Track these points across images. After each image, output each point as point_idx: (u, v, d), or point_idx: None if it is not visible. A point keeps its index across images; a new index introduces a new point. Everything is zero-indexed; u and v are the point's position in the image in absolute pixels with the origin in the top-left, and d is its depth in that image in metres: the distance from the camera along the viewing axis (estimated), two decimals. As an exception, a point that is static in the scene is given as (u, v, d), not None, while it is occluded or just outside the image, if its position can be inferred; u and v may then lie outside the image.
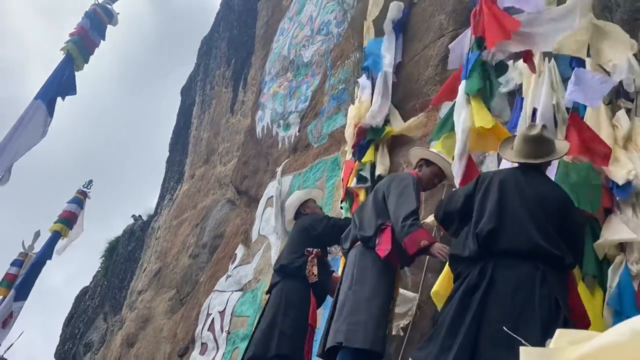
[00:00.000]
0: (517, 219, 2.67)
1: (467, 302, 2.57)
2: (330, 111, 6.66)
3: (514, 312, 2.46)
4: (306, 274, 3.97)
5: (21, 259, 9.15)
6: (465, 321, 2.51)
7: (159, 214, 11.85)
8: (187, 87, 13.22)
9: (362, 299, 3.25)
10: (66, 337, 12.33)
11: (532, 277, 2.52)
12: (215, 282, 7.56)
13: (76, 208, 9.53)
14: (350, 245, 3.58)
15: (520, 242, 2.61)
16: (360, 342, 3.13)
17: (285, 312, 3.93)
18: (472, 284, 2.61)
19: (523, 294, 2.49)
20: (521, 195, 2.74)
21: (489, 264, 2.62)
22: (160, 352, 8.38)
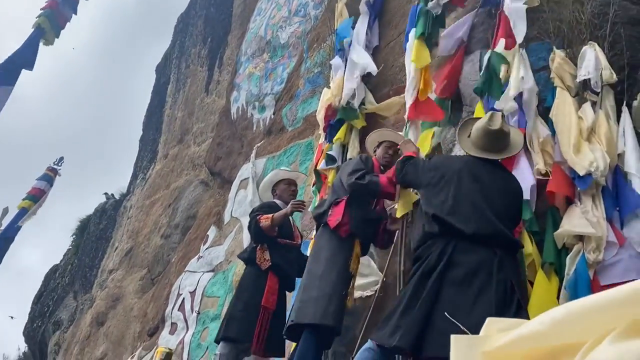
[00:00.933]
0: (476, 205, 2.75)
1: (425, 282, 2.65)
2: (306, 94, 6.65)
3: (471, 294, 2.54)
4: (257, 262, 4.02)
5: (-12, 235, 8.99)
6: (420, 299, 2.58)
7: (131, 192, 11.74)
8: (162, 64, 13.03)
9: (315, 276, 3.36)
10: (35, 315, 12.21)
11: (491, 262, 2.60)
12: (187, 263, 7.56)
13: (45, 185, 9.38)
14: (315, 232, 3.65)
15: (479, 227, 2.69)
16: (309, 317, 3.20)
17: (237, 296, 4.06)
18: (431, 266, 2.69)
19: (482, 278, 2.57)
20: (481, 184, 2.83)
21: (448, 246, 2.70)
22: (130, 331, 8.37)
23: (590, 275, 3.12)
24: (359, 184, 3.52)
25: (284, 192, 4.45)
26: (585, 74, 3.86)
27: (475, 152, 3.01)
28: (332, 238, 3.48)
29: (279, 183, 4.54)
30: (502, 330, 0.86)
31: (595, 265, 3.17)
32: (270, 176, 4.73)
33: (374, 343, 2.73)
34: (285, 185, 4.52)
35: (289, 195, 4.44)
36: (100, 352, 8.73)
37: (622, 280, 3.08)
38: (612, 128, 3.66)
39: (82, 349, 9.37)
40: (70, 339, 10.15)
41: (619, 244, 3.21)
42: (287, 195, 4.44)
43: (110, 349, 8.59)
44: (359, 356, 2.77)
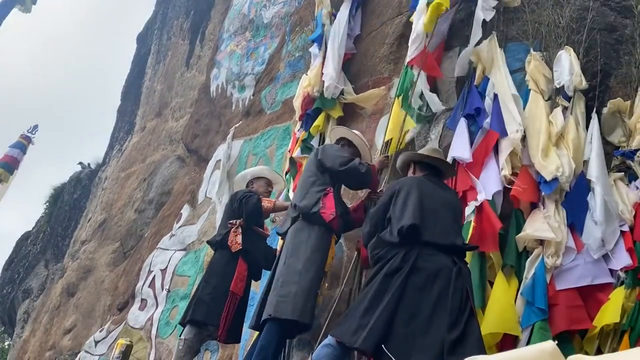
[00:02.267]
0: (437, 217, 2.88)
1: (388, 284, 2.73)
2: (286, 78, 6.61)
3: (431, 299, 2.64)
4: (229, 244, 4.06)
5: (-42, 201, 8.84)
6: (383, 301, 2.66)
7: (107, 163, 11.60)
8: (143, 34, 12.75)
9: (295, 271, 3.38)
10: (5, 282, 12.11)
11: (450, 270, 2.71)
12: (159, 239, 7.55)
13: (18, 153, 9.22)
14: (289, 227, 3.65)
15: (440, 238, 2.80)
16: (288, 313, 3.26)
17: (206, 280, 4.11)
18: (395, 267, 2.78)
19: (441, 284, 2.67)
20: (437, 199, 2.96)
21: (413, 251, 2.79)
22: (100, 304, 8.37)
23: (547, 280, 3.23)
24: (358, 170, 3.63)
25: (261, 188, 4.51)
26: (559, 77, 3.93)
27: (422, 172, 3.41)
28: (312, 234, 3.50)
29: (259, 179, 4.58)
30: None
31: (553, 270, 3.27)
32: (256, 169, 4.82)
33: (334, 339, 2.79)
34: (264, 183, 4.59)
35: (264, 193, 4.51)
36: (69, 323, 8.73)
37: (577, 286, 3.20)
38: (581, 134, 3.74)
39: (52, 319, 9.36)
40: (40, 307, 10.12)
41: (577, 250, 3.31)
42: (263, 192, 4.50)
43: (79, 320, 8.59)
44: (318, 352, 2.83)
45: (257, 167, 5.01)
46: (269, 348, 3.22)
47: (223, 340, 4.09)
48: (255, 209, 4.15)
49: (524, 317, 3.13)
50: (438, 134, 4.27)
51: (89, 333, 8.05)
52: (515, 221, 3.53)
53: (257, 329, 3.55)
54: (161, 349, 6.17)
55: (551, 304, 3.14)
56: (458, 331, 2.49)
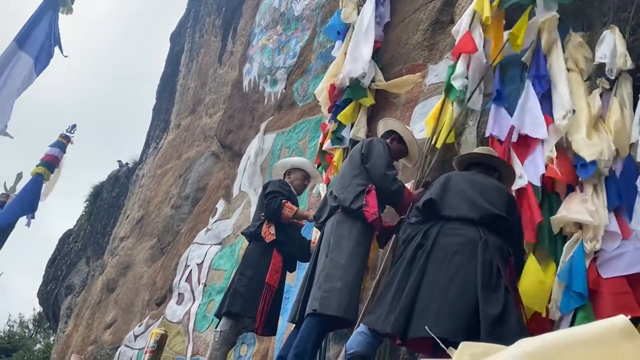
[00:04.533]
0: (462, 193, 2.79)
1: (412, 264, 2.65)
2: (317, 70, 6.55)
3: (450, 270, 2.52)
4: (262, 235, 4.03)
5: (2, 200, 9.11)
6: (409, 282, 2.58)
7: (143, 161, 11.79)
8: (176, 33, 12.90)
9: (338, 266, 3.25)
10: (49, 278, 12.47)
11: (475, 242, 2.59)
12: (196, 234, 7.62)
13: (59, 152, 9.44)
14: (327, 217, 3.54)
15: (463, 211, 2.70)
16: (334, 309, 3.14)
17: (242, 272, 4.06)
18: (417, 244, 2.70)
19: (462, 257, 2.55)
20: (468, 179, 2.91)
21: (434, 227, 2.71)
22: (139, 299, 8.51)
23: (586, 264, 3.09)
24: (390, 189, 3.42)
25: (297, 180, 4.44)
26: (602, 57, 3.74)
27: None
28: (354, 227, 3.36)
29: (298, 170, 4.51)
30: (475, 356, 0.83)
31: (592, 255, 3.14)
32: (297, 160, 4.75)
33: (366, 327, 2.74)
34: (302, 176, 4.50)
35: (300, 186, 4.46)
36: (110, 318, 8.91)
37: (626, 273, 3.04)
38: (626, 116, 3.56)
39: (93, 314, 9.57)
40: (82, 303, 10.36)
41: (622, 236, 3.15)
42: (299, 184, 4.44)
43: (119, 315, 8.76)
44: (351, 340, 2.78)
45: (299, 158, 4.92)
46: (308, 341, 3.14)
47: (260, 332, 4.06)
48: (274, 214, 4.08)
49: (562, 303, 3.01)
50: (476, 120, 4.13)
51: (129, 328, 8.20)
52: (548, 204, 3.39)
53: (297, 323, 3.44)
54: (198, 342, 6.22)
55: (593, 290, 3.01)
56: (496, 310, 2.37)
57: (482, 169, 3.15)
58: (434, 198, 2.78)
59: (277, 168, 4.66)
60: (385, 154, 3.59)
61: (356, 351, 2.73)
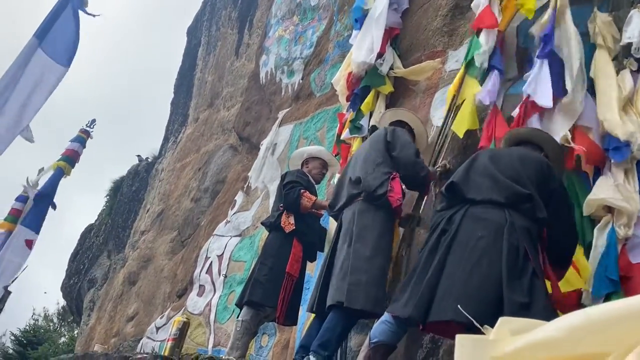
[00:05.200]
0: (486, 172, 2.72)
1: (435, 249, 2.60)
2: (335, 59, 6.49)
3: (473, 257, 2.45)
4: (282, 225, 4.00)
5: (25, 194, 9.22)
6: (431, 268, 2.53)
7: (163, 155, 11.87)
8: (193, 27, 12.92)
9: (363, 257, 3.19)
10: (72, 272, 12.64)
11: (501, 225, 2.50)
12: (215, 227, 7.64)
13: (79, 147, 9.52)
14: (345, 203, 3.48)
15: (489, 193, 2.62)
16: (361, 303, 3.09)
17: (262, 262, 4.05)
18: (441, 230, 2.63)
19: (487, 240, 2.48)
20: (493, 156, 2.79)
21: (459, 212, 2.64)
22: (160, 292, 8.58)
23: (618, 250, 3.00)
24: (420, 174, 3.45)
25: (315, 170, 4.42)
26: (630, 37, 3.63)
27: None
28: (377, 217, 3.32)
29: (315, 159, 4.47)
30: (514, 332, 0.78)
31: (624, 241, 3.05)
32: (314, 149, 4.71)
33: (390, 315, 2.69)
34: (319, 164, 4.47)
35: (318, 175, 4.43)
36: (132, 310, 9.00)
37: (659, 259, 2.95)
38: (656, 98, 3.44)
39: (115, 307, 9.68)
40: (104, 296, 10.49)
41: (656, 222, 3.06)
42: (317, 173, 4.42)
43: (141, 308, 8.83)
44: (375, 329, 2.74)
45: (316, 147, 4.90)
46: (334, 332, 3.10)
47: (281, 322, 4.05)
48: (293, 204, 4.05)
49: (594, 287, 2.92)
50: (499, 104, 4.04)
51: (151, 320, 8.27)
52: (569, 183, 3.29)
53: (317, 312, 3.40)
54: (219, 333, 6.24)
55: (624, 276, 2.92)
56: (521, 296, 2.29)
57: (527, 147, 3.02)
58: (456, 181, 2.71)
59: (294, 158, 4.64)
60: (412, 142, 3.61)
61: (380, 340, 2.69)
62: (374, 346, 2.69)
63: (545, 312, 2.24)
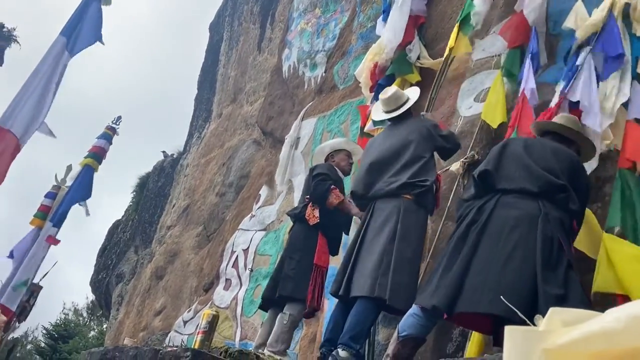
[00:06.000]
0: (521, 162, 2.62)
1: (464, 240, 2.53)
2: (358, 51, 6.43)
3: (507, 245, 2.39)
4: (306, 217, 3.98)
5: (54, 191, 9.36)
6: (459, 258, 2.47)
7: (187, 151, 11.97)
8: (215, 22, 12.97)
9: (406, 259, 3.18)
10: (100, 268, 12.86)
11: (534, 216, 2.44)
12: (240, 221, 7.67)
13: (105, 143, 9.61)
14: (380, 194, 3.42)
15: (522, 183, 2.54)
16: (401, 305, 3.08)
17: (290, 256, 4.03)
18: (470, 220, 2.57)
19: (521, 231, 2.42)
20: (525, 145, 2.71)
21: (490, 201, 2.57)
22: (187, 286, 8.66)
23: None
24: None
25: (343, 162, 4.38)
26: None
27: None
28: (420, 218, 3.32)
29: (340, 151, 4.44)
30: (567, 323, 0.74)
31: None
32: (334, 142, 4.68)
33: (418, 307, 2.65)
34: (345, 155, 4.44)
35: (347, 166, 4.39)
36: (159, 305, 9.11)
37: None
38: None
39: (143, 301, 9.81)
40: (132, 291, 10.64)
41: None
42: (345, 165, 4.38)
43: (168, 302, 8.94)
44: (403, 322, 2.70)
45: (336, 140, 4.87)
46: (365, 324, 3.10)
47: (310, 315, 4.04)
48: (320, 197, 4.01)
49: None
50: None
51: (178, 314, 8.35)
52: (620, 182, 3.18)
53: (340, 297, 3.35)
54: (246, 327, 6.27)
55: None
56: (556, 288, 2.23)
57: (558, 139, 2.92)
58: (490, 169, 2.63)
59: (317, 154, 4.59)
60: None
61: (409, 333, 2.65)
62: (403, 339, 2.66)
63: (582, 305, 2.19)
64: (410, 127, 3.61)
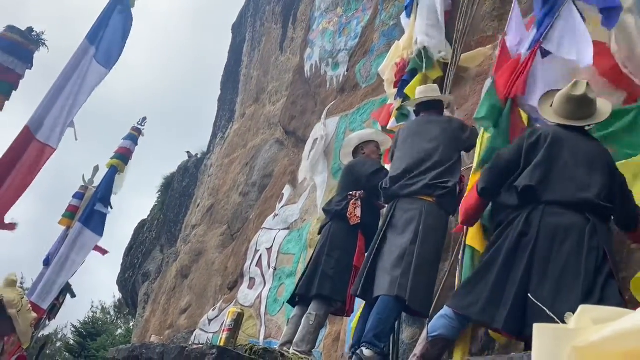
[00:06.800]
0: (567, 171, 2.54)
1: (515, 251, 2.48)
2: (380, 49, 6.41)
3: (559, 261, 2.36)
4: (348, 216, 3.90)
5: (82, 191, 9.57)
6: (514, 273, 2.41)
7: (211, 151, 12.08)
8: (237, 23, 13.06)
9: (427, 261, 3.18)
10: (126, 266, 13.07)
11: (582, 228, 2.40)
12: (264, 220, 7.71)
13: (131, 144, 9.79)
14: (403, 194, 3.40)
15: (568, 194, 2.49)
16: (418, 306, 3.12)
17: (329, 254, 3.90)
18: (519, 232, 2.50)
19: (571, 244, 2.38)
20: (572, 151, 2.60)
21: (536, 211, 2.51)
22: (211, 284, 8.75)
23: None
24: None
25: (374, 154, 4.31)
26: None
27: (559, 120, 2.79)
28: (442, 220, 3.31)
29: (369, 143, 4.37)
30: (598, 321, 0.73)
31: None
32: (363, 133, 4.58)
33: (452, 311, 2.60)
34: (375, 147, 4.37)
35: (377, 158, 4.32)
36: (184, 303, 9.21)
37: None
38: None
39: (169, 300, 9.94)
40: (158, 289, 10.79)
41: None
42: (376, 157, 4.31)
43: (194, 300, 9.03)
44: (434, 323, 2.66)
45: (364, 131, 4.74)
46: (388, 322, 3.09)
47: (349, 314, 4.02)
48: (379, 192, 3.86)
49: None
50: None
51: (203, 312, 8.44)
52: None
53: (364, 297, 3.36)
54: (270, 325, 6.30)
55: None
56: (594, 300, 2.20)
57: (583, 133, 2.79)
58: (535, 185, 2.53)
59: (345, 147, 4.53)
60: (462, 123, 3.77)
61: (440, 334, 2.63)
62: (433, 339, 2.64)
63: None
64: (440, 126, 3.62)
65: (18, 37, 5.45)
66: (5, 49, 5.35)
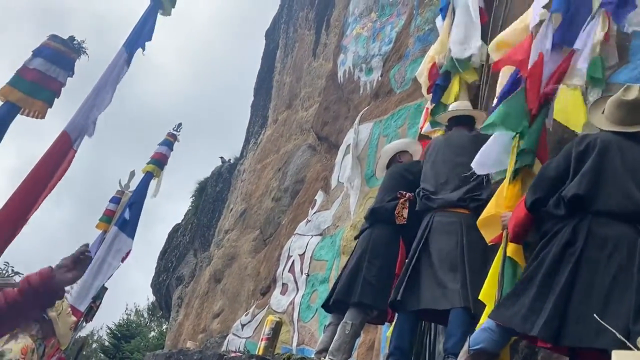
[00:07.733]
0: (617, 180, 2.45)
1: (559, 262, 2.40)
2: (415, 54, 6.34)
3: (608, 274, 2.27)
4: (395, 214, 3.85)
5: (118, 196, 9.74)
6: (558, 283, 2.34)
7: (244, 157, 12.18)
8: (271, 29, 13.16)
9: (479, 272, 3.15)
10: (160, 270, 13.27)
11: (632, 240, 2.30)
12: (296, 226, 7.71)
13: (167, 150, 9.90)
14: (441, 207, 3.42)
15: (619, 204, 2.39)
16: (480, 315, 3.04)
17: (370, 260, 3.83)
18: (565, 242, 2.42)
19: (620, 257, 2.29)
20: (622, 158, 2.50)
21: (584, 221, 2.42)
22: (244, 289, 8.79)
23: None
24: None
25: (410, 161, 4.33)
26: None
27: (610, 126, 2.69)
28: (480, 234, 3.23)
29: (405, 152, 4.38)
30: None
31: None
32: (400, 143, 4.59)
33: (494, 323, 2.53)
34: (411, 157, 4.37)
35: None
36: (217, 307, 9.28)
37: None
38: None
39: (202, 304, 10.03)
40: (191, 293, 10.90)
41: None
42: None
43: (226, 305, 9.10)
44: (476, 336, 2.59)
45: (399, 141, 4.71)
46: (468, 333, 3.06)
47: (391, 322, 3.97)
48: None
49: None
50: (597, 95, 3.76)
51: (236, 317, 8.49)
52: None
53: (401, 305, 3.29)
54: (303, 332, 6.28)
55: None
56: None
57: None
58: (583, 194, 2.45)
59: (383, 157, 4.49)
60: None
61: (482, 347, 2.56)
62: (474, 353, 2.57)
63: None
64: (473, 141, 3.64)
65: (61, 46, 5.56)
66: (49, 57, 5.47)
